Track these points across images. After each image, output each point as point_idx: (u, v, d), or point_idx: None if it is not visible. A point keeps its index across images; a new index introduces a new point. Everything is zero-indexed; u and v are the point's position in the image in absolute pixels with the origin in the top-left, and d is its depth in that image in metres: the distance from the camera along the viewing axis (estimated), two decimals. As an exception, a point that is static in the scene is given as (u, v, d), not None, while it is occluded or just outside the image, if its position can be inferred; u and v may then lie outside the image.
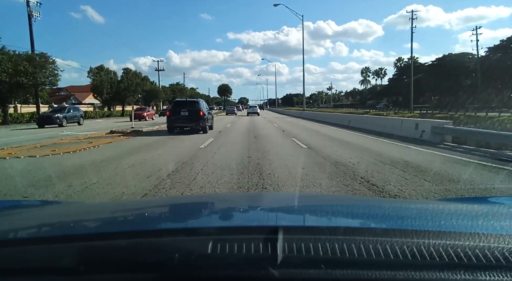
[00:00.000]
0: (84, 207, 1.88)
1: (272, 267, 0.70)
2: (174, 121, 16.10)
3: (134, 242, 0.82)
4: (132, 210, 1.54)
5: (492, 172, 6.41)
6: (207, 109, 18.01)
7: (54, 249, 0.81)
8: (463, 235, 0.81)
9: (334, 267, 0.71)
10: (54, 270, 0.76)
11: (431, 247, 0.75)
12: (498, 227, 0.98)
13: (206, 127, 16.19)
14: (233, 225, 1.09)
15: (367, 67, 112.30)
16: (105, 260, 0.78)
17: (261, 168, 6.73)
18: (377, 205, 1.61)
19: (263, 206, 1.55)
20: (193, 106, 16.22)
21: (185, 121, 15.95)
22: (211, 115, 18.74)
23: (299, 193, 4.59)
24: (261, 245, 0.76)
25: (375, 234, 0.82)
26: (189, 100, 17.68)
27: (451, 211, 1.34)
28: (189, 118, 15.84)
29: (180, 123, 16.13)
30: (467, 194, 4.82)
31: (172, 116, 16.16)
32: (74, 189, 5.09)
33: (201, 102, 17.11)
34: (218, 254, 0.75)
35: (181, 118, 15.91)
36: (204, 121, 16.01)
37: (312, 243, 0.76)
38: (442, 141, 11.44)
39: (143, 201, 3.55)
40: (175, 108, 16.41)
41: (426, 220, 1.16)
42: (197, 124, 15.90)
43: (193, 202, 1.86)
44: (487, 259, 0.73)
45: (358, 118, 22.53)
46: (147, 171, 6.52)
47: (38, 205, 1.87)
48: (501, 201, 1.80)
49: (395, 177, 5.78)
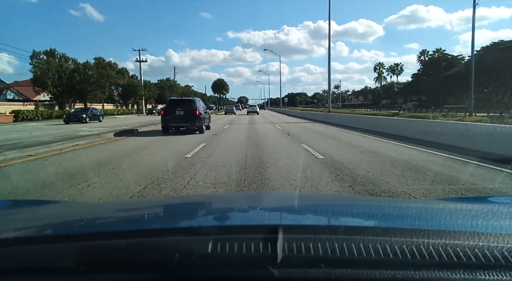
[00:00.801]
0: (84, 207, 1.88)
1: (272, 266, 0.71)
2: (169, 121, 15.43)
3: (134, 242, 0.82)
4: (132, 210, 1.54)
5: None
6: (204, 109, 17.35)
7: (54, 249, 0.81)
8: (462, 235, 0.81)
9: (334, 267, 0.71)
10: (54, 270, 0.76)
11: (430, 246, 0.75)
12: (498, 227, 0.98)
13: (202, 127, 15.55)
14: (233, 224, 1.09)
15: (381, 62, 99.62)
16: (105, 260, 0.78)
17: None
18: (377, 205, 1.61)
19: (263, 205, 1.55)
20: (188, 105, 15.57)
21: (180, 121, 15.34)
22: (208, 115, 18.06)
23: (299, 192, 4.60)
24: (261, 244, 0.76)
25: (375, 233, 0.82)
26: (185, 99, 17.13)
27: (451, 210, 1.34)
28: (185, 118, 15.21)
29: (175, 123, 15.52)
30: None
31: (167, 116, 15.46)
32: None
33: (197, 101, 16.48)
34: (218, 254, 0.75)
35: (176, 117, 15.28)
36: (200, 121, 15.39)
37: (312, 242, 0.76)
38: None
39: (143, 200, 3.55)
40: (170, 108, 15.73)
41: (426, 219, 1.17)
42: (193, 124, 15.29)
43: (193, 202, 1.86)
44: (486, 258, 0.73)
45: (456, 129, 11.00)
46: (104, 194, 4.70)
47: (37, 205, 1.87)
48: (501, 201, 1.81)
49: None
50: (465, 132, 10.08)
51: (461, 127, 10.71)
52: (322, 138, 13.04)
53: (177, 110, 15.35)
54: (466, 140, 9.57)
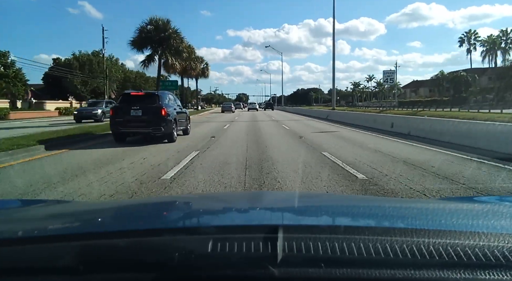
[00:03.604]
0: (83, 206, 1.88)
1: (272, 266, 0.70)
2: (121, 125, 10.61)
3: (134, 242, 0.82)
4: (132, 209, 1.54)
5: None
6: (178, 107, 12.69)
7: (53, 249, 0.81)
8: (463, 234, 0.81)
9: (334, 266, 0.71)
10: (53, 269, 0.76)
11: (431, 246, 0.75)
12: (498, 226, 0.98)
13: (172, 134, 10.79)
14: (233, 224, 1.09)
15: (474, 30, 63.70)
16: (104, 260, 0.78)
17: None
18: (377, 204, 1.61)
19: (263, 205, 1.55)
20: (150, 101, 10.82)
21: (138, 124, 10.60)
22: (185, 115, 13.50)
23: (299, 192, 4.59)
24: (261, 244, 0.76)
25: (375, 233, 0.82)
26: (146, 93, 12.02)
27: (451, 210, 1.34)
28: (145, 121, 10.51)
29: (130, 128, 10.69)
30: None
31: (118, 118, 10.71)
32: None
33: (164, 96, 11.70)
34: (218, 253, 0.75)
35: (131, 120, 10.53)
36: (168, 125, 10.65)
37: (312, 242, 0.76)
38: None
39: (143, 200, 3.55)
40: (123, 105, 10.92)
41: (426, 219, 1.17)
42: (156, 129, 10.45)
43: (193, 202, 1.86)
44: (487, 258, 0.73)
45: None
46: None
47: (37, 204, 1.87)
48: (501, 200, 1.81)
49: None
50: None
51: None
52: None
53: (133, 109, 10.59)
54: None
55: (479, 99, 43.44)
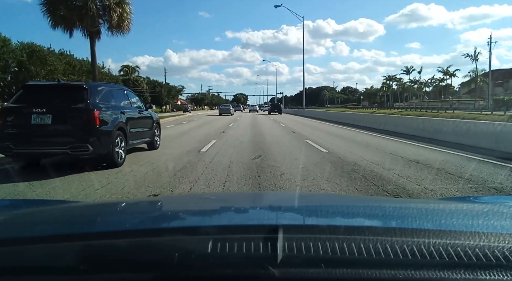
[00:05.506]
0: (83, 206, 1.88)
1: (272, 266, 0.70)
2: (13, 141, 6.02)
3: (134, 241, 0.82)
4: (132, 209, 1.54)
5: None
6: (136, 108, 8.34)
7: (54, 248, 0.82)
8: (463, 234, 0.81)
9: (334, 266, 0.71)
10: (53, 269, 0.76)
11: (431, 246, 0.75)
12: (499, 226, 0.98)
13: (112, 155, 6.46)
14: (233, 224, 1.09)
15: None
16: (104, 260, 0.78)
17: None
18: (377, 204, 1.61)
19: (263, 205, 1.55)
20: (70, 99, 6.42)
21: (44, 140, 6.10)
22: (150, 121, 8.98)
23: (299, 192, 4.59)
24: (261, 244, 0.76)
25: (376, 233, 0.82)
26: (63, 85, 6.99)
27: (452, 210, 1.34)
28: (57, 132, 6.14)
29: (29, 147, 6.14)
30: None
31: (8, 128, 6.22)
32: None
33: (99, 90, 7.00)
34: (218, 253, 0.75)
35: (33, 132, 6.12)
36: (103, 139, 6.30)
37: (312, 242, 0.76)
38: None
39: (142, 200, 3.55)
40: (20, 107, 6.36)
41: (426, 219, 1.16)
42: (78, 148, 6.06)
43: (192, 202, 1.86)
44: (487, 258, 0.73)
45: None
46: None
47: (37, 204, 1.87)
48: (501, 200, 1.81)
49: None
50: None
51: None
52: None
53: (37, 113, 6.04)
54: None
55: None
